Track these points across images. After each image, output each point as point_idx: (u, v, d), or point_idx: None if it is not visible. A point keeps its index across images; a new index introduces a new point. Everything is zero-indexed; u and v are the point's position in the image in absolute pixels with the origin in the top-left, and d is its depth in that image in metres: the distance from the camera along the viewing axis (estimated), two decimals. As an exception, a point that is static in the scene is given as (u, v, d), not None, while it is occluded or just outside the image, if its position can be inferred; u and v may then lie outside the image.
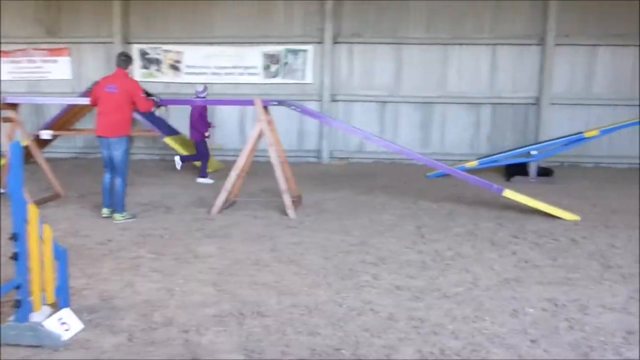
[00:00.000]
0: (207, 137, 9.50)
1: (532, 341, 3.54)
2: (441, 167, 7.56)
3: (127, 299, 4.12)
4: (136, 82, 6.63)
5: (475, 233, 6.16)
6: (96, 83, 6.86)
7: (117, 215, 6.47)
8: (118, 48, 11.79)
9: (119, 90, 6.31)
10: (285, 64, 11.87)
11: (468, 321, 3.83)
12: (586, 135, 9.62)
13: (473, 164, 9.91)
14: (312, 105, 11.74)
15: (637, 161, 11.58)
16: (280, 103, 7.16)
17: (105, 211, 6.58)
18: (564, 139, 10.01)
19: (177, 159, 9.51)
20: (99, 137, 6.44)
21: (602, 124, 11.47)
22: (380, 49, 11.79)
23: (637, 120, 9.83)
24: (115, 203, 6.50)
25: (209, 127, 9.65)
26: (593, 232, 6.27)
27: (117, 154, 6.38)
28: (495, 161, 10.07)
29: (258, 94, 11.68)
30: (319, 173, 10.43)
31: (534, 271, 4.92)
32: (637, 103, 11.46)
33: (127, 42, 12.15)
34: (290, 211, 6.76)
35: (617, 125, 9.87)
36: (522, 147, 10.28)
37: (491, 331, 3.67)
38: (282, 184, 6.85)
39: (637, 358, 2.52)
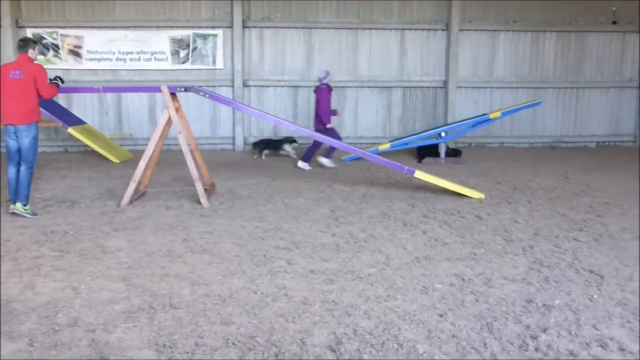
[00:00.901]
0: (329, 127, 8.99)
1: (441, 315, 3.67)
2: (355, 150, 7.66)
3: (27, 301, 3.87)
4: (40, 66, 6.23)
5: (388, 214, 6.30)
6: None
7: (19, 206, 6.08)
8: (8, 34, 11.00)
9: (24, 76, 5.96)
10: (195, 49, 11.54)
11: (380, 300, 3.91)
12: (490, 116, 10.09)
13: (386, 146, 10.13)
14: (224, 91, 11.54)
15: (540, 140, 12.29)
16: (188, 89, 6.95)
17: (13, 207, 6.16)
18: (470, 120, 10.44)
19: (300, 164, 9.25)
20: (6, 125, 6.03)
21: (505, 106, 12.12)
22: (291, 33, 11.74)
23: (537, 101, 10.42)
24: (20, 193, 6.11)
25: (334, 114, 9.26)
26: (497, 208, 6.60)
27: (26, 141, 6.04)
28: (407, 143, 10.35)
29: (167, 80, 11.33)
30: (233, 160, 10.28)
31: (443, 248, 5.10)
32: (535, 86, 12.15)
33: (19, 26, 11.32)
34: (203, 200, 6.62)
35: (517, 107, 10.41)
36: (432, 129, 10.64)
37: (402, 309, 3.77)
38: (194, 173, 6.68)
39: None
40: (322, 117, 8.90)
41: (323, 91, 8.95)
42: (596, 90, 12.38)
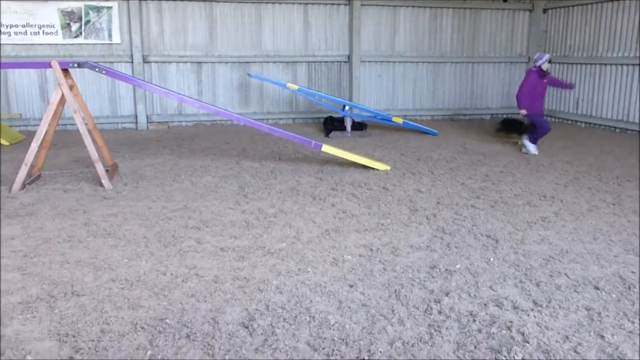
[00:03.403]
0: (523, 113, 8.50)
1: (351, 286, 3.77)
2: (262, 126, 7.60)
3: None
4: None
5: (297, 189, 6.34)
6: None
7: None
8: None
9: None
10: (88, 22, 10.86)
11: (292, 274, 3.95)
12: (393, 119, 10.49)
13: (294, 87, 10.38)
14: (123, 67, 11.01)
15: (441, 113, 12.80)
16: (82, 65, 6.55)
17: None
18: (375, 112, 10.88)
19: (530, 147, 8.55)
20: None
21: (407, 79, 12.52)
22: (192, 6, 11.34)
23: (434, 131, 10.65)
24: None
25: (569, 87, 9.00)
26: (402, 179, 6.82)
27: None
28: (313, 96, 10.78)
29: (58, 55, 10.63)
30: (136, 139, 9.88)
31: (352, 220, 5.22)
32: (434, 60, 12.59)
33: None
34: (105, 181, 6.33)
35: (418, 126, 10.75)
36: (339, 99, 10.93)
37: (313, 281, 3.83)
38: (93, 153, 6.35)
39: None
40: (517, 100, 8.49)
41: (528, 74, 8.56)
42: (489, 65, 13.03)
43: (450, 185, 6.58)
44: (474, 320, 3.29)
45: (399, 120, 10.53)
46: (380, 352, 2.95)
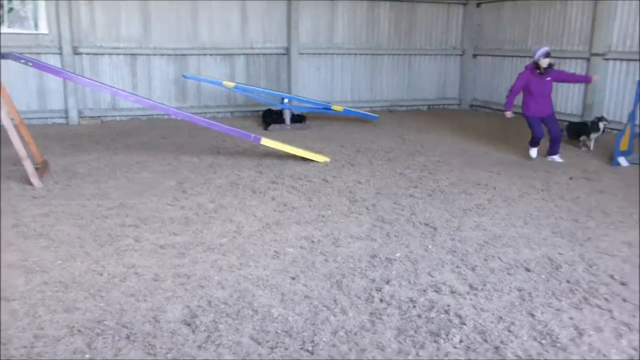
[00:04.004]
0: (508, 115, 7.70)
1: (293, 278, 3.79)
2: (200, 120, 7.47)
3: None
4: None
5: (237, 183, 6.29)
6: None
7: None
8: None
9: None
10: (11, 10, 10.28)
11: (234, 269, 3.93)
12: (333, 107, 10.55)
13: (231, 84, 10.21)
14: (52, 59, 10.52)
15: (379, 104, 12.97)
16: (6, 56, 6.23)
17: None
18: (314, 102, 10.86)
19: (555, 157, 7.61)
20: None
21: (345, 71, 12.60)
22: (125, -3, 10.98)
23: (375, 115, 10.99)
24: None
25: (587, 80, 7.91)
26: (341, 171, 6.89)
27: None
28: (248, 91, 10.65)
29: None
30: (68, 135, 9.49)
31: (292, 213, 5.23)
32: (372, 52, 12.73)
33: None
34: (35, 180, 6.06)
35: (359, 111, 10.97)
36: (277, 92, 10.86)
37: (255, 275, 3.82)
38: (21, 150, 6.06)
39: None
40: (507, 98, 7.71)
41: (524, 70, 7.59)
42: (426, 57, 13.31)
43: (389, 175, 6.70)
44: (414, 306, 3.38)
45: (339, 108, 10.59)
46: (324, 342, 2.99)
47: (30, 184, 6.05)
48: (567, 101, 10.73)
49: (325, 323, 3.19)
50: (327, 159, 7.37)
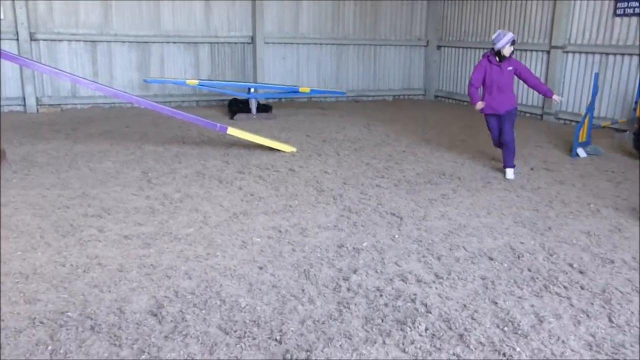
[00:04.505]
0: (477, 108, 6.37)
1: (261, 268, 3.78)
2: (164, 109, 7.34)
3: None
4: None
5: (203, 172, 6.22)
6: None
7: None
8: None
9: None
10: (-35, -5, 9.91)
11: (200, 259, 3.90)
12: (300, 90, 10.51)
13: (194, 82, 9.95)
14: (7, 45, 10.16)
15: (344, 95, 12.99)
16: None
17: None
18: (281, 86, 10.79)
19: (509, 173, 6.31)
20: None
21: (311, 61, 12.58)
22: (84, -19, 10.68)
23: (343, 91, 11.09)
24: None
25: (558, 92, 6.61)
26: (308, 161, 6.89)
27: None
28: (213, 86, 10.39)
29: None
30: (25, 123, 9.21)
31: (259, 203, 5.21)
32: (337, 42, 12.73)
33: None
34: (-8, 169, 5.87)
35: (325, 90, 11.03)
36: (242, 82, 10.72)
37: (223, 265, 3.80)
38: (-23, 139, 5.86)
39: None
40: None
41: (482, 58, 6.37)
42: (391, 47, 13.38)
43: (356, 165, 6.73)
44: (381, 295, 3.42)
45: (307, 89, 10.52)
46: (292, 331, 3.00)
47: (-13, 173, 5.86)
48: (526, 92, 10.95)
49: (293, 312, 3.20)
50: (294, 149, 7.36)
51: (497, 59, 6.23)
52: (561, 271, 3.85)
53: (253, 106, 10.15)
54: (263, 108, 10.42)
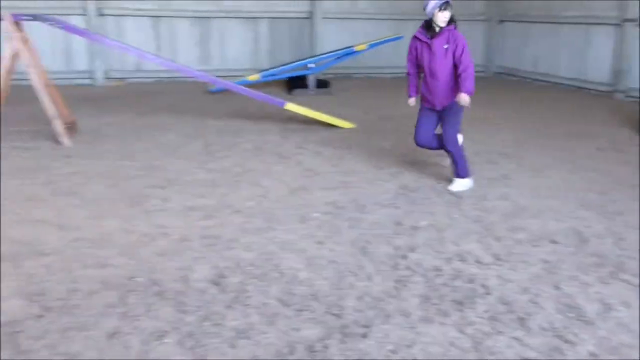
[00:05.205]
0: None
1: (319, 243, 3.83)
2: (223, 83, 7.47)
3: None
4: None
5: (263, 147, 6.31)
6: None
7: None
8: None
9: None
10: (38, -29, 10.27)
11: (260, 232, 3.98)
12: (356, 48, 10.30)
13: (255, 77, 9.97)
14: (77, 21, 10.52)
15: (400, 70, 12.77)
16: (36, 18, 6.26)
17: None
18: (337, 52, 10.58)
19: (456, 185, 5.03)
20: None
21: (369, 37, 12.39)
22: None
23: (399, 35, 10.78)
24: None
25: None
26: (366, 137, 6.86)
27: None
28: (275, 74, 10.28)
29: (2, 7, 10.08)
30: (94, 96, 9.57)
31: (318, 178, 5.25)
32: (396, 17, 12.50)
33: None
34: (65, 139, 6.15)
35: (381, 40, 10.72)
36: (300, 60, 10.62)
37: (282, 239, 3.87)
38: (51, 109, 6.14)
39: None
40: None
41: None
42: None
43: (412, 143, 6.63)
44: (439, 275, 3.41)
45: (363, 47, 10.37)
46: (350, 306, 3.03)
47: (60, 143, 6.14)
48: (591, 67, 10.40)
49: (351, 288, 3.23)
50: (352, 125, 7.34)
51: (428, 34, 4.77)
52: (631, 258, 3.71)
53: (311, 81, 10.15)
54: (321, 84, 10.41)
